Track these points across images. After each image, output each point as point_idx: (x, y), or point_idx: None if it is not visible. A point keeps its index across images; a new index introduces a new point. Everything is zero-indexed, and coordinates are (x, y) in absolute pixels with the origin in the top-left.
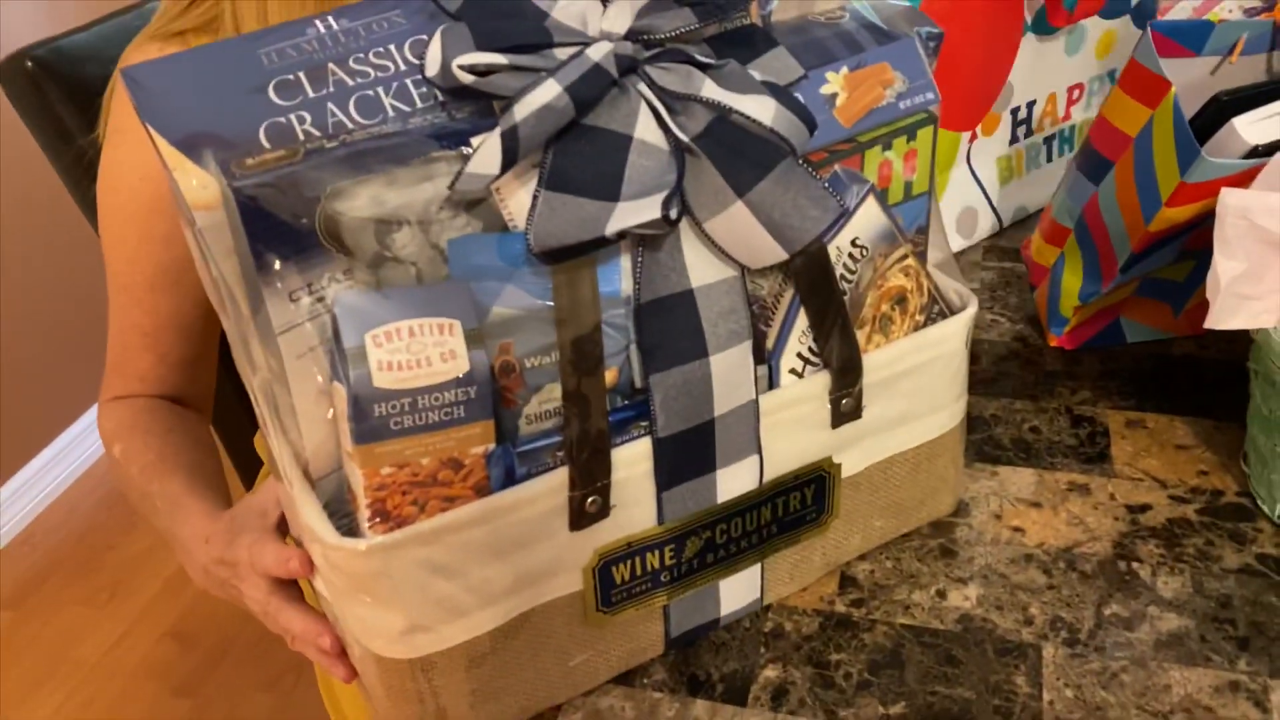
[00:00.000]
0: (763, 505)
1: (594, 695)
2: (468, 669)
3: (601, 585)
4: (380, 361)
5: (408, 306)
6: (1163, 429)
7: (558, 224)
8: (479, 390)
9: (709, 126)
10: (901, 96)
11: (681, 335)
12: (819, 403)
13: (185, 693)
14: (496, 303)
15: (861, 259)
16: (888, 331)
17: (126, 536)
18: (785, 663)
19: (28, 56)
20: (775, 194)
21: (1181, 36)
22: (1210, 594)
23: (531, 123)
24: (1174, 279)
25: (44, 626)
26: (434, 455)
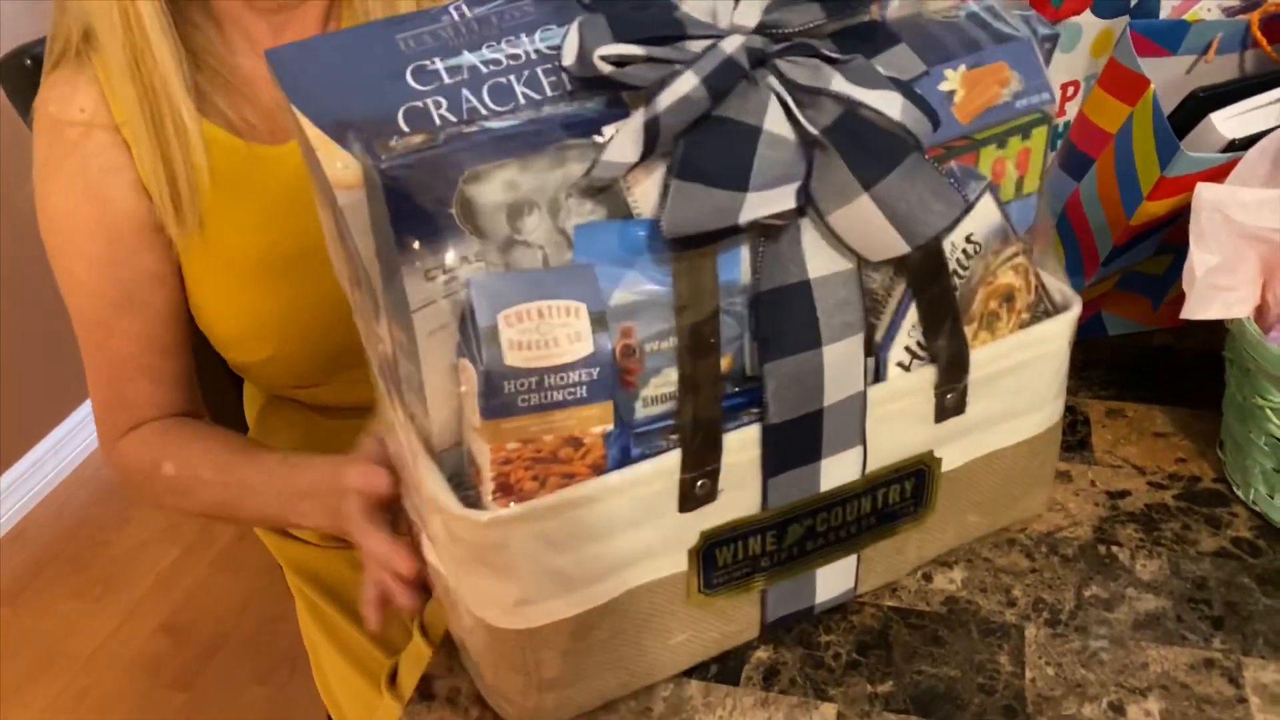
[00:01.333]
0: (863, 496)
1: None
2: (572, 642)
3: (705, 567)
4: (511, 341)
5: (537, 289)
6: (1142, 417)
7: (690, 212)
8: (601, 372)
9: (838, 120)
10: (1018, 96)
11: (796, 325)
12: (924, 396)
13: (179, 686)
14: (619, 287)
15: (975, 255)
16: (994, 329)
17: (119, 531)
18: (776, 644)
19: (27, 55)
20: (901, 188)
21: (1158, 36)
22: (1186, 576)
23: (672, 113)
24: (1153, 272)
25: (38, 621)
26: (556, 433)
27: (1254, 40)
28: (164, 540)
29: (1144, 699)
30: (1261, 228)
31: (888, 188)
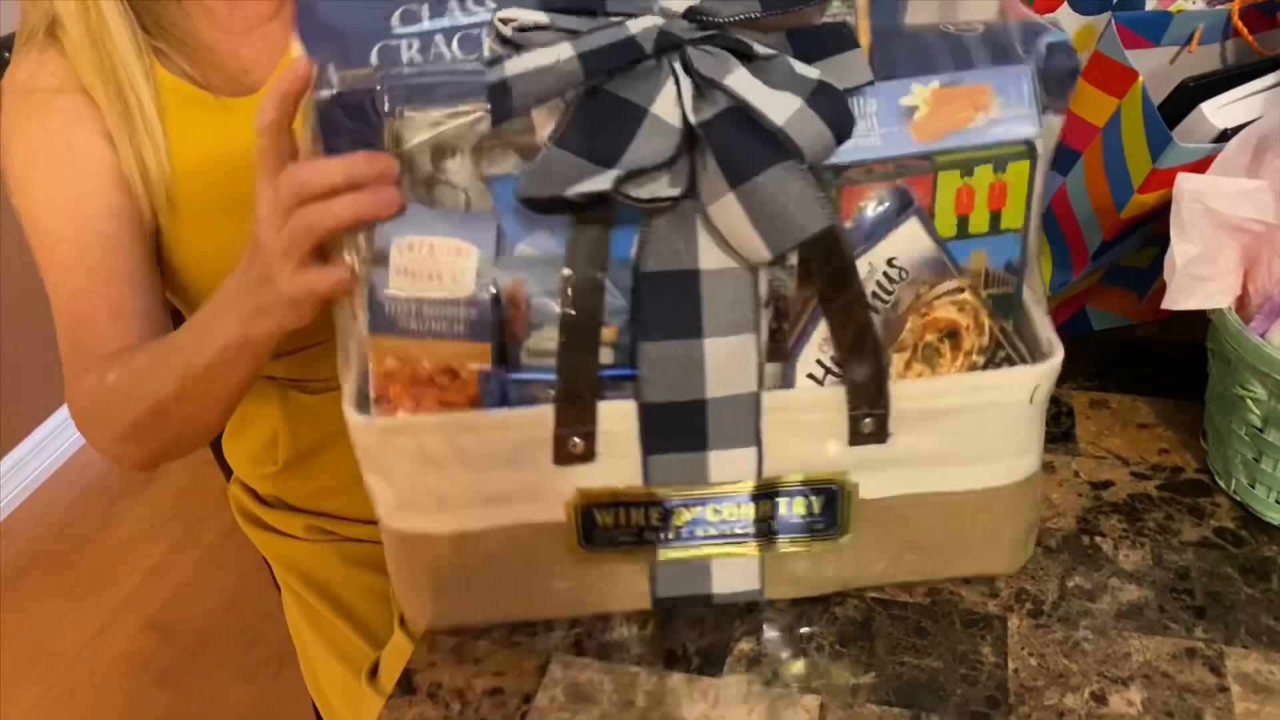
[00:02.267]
0: (761, 500)
1: (573, 669)
2: (453, 556)
3: (584, 524)
4: (399, 266)
5: (438, 225)
6: (1125, 409)
7: (546, 178)
8: (479, 314)
9: (722, 114)
10: (994, 123)
11: (677, 311)
12: (836, 415)
13: (166, 684)
14: (523, 241)
15: (900, 281)
16: (934, 364)
17: (105, 529)
18: (759, 636)
19: (5, 48)
20: (767, 192)
21: (1141, 27)
22: (1169, 566)
23: (524, 81)
24: (1138, 265)
25: (23, 620)
26: (433, 361)
27: (1235, 30)
28: (150, 538)
29: (1126, 688)
30: (1242, 218)
31: (753, 189)
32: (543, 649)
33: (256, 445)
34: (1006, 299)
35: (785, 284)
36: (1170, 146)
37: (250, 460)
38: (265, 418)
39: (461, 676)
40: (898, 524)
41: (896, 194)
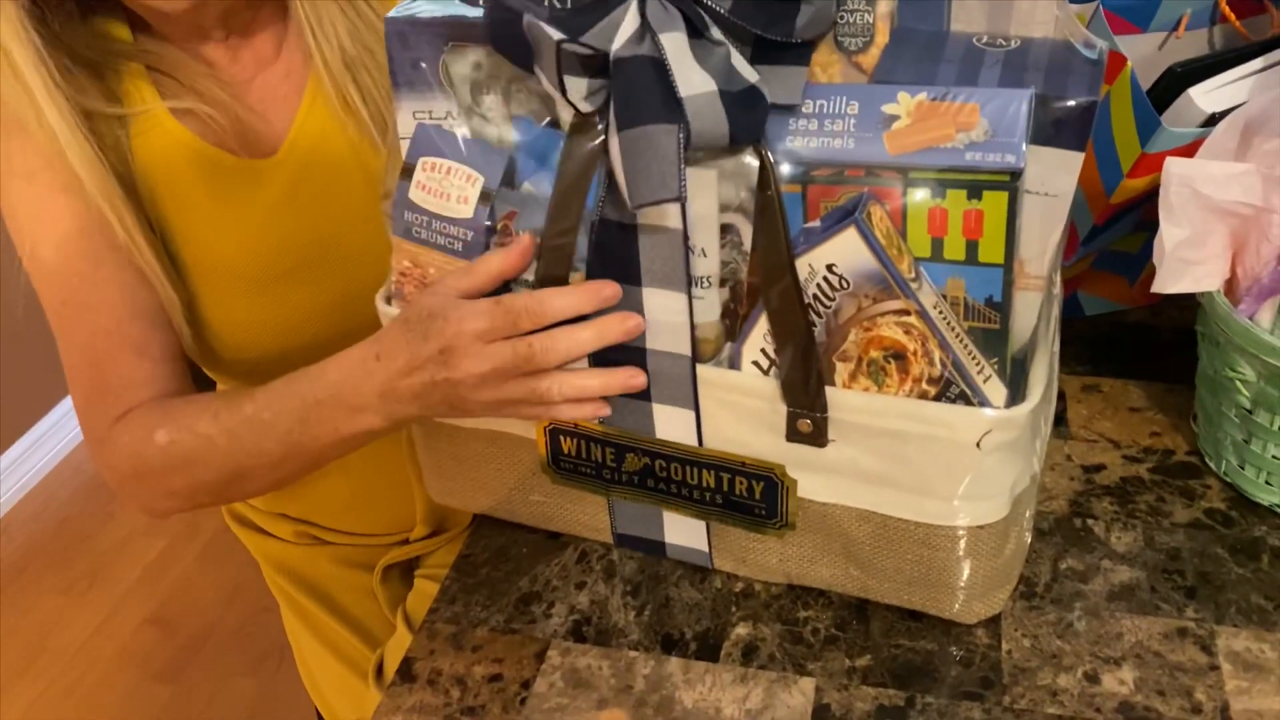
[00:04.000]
0: (705, 468)
1: (571, 655)
2: (449, 445)
3: (552, 447)
4: (419, 181)
5: (459, 152)
6: (1117, 393)
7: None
8: (474, 237)
9: (641, 58)
10: (972, 147)
11: (620, 257)
12: (770, 405)
13: (166, 679)
14: (528, 180)
15: (841, 289)
16: (880, 381)
17: (105, 525)
18: (756, 620)
19: None
20: (640, 146)
21: (1129, 13)
22: (1160, 547)
23: None
24: (1129, 251)
25: (23, 616)
26: (438, 269)
27: (1222, 15)
28: (150, 533)
29: (1118, 668)
30: (1230, 201)
31: (631, 139)
32: (541, 636)
33: None
34: (995, 336)
35: (740, 267)
36: (1159, 131)
37: None
38: None
39: (461, 664)
40: (840, 534)
41: (854, 201)
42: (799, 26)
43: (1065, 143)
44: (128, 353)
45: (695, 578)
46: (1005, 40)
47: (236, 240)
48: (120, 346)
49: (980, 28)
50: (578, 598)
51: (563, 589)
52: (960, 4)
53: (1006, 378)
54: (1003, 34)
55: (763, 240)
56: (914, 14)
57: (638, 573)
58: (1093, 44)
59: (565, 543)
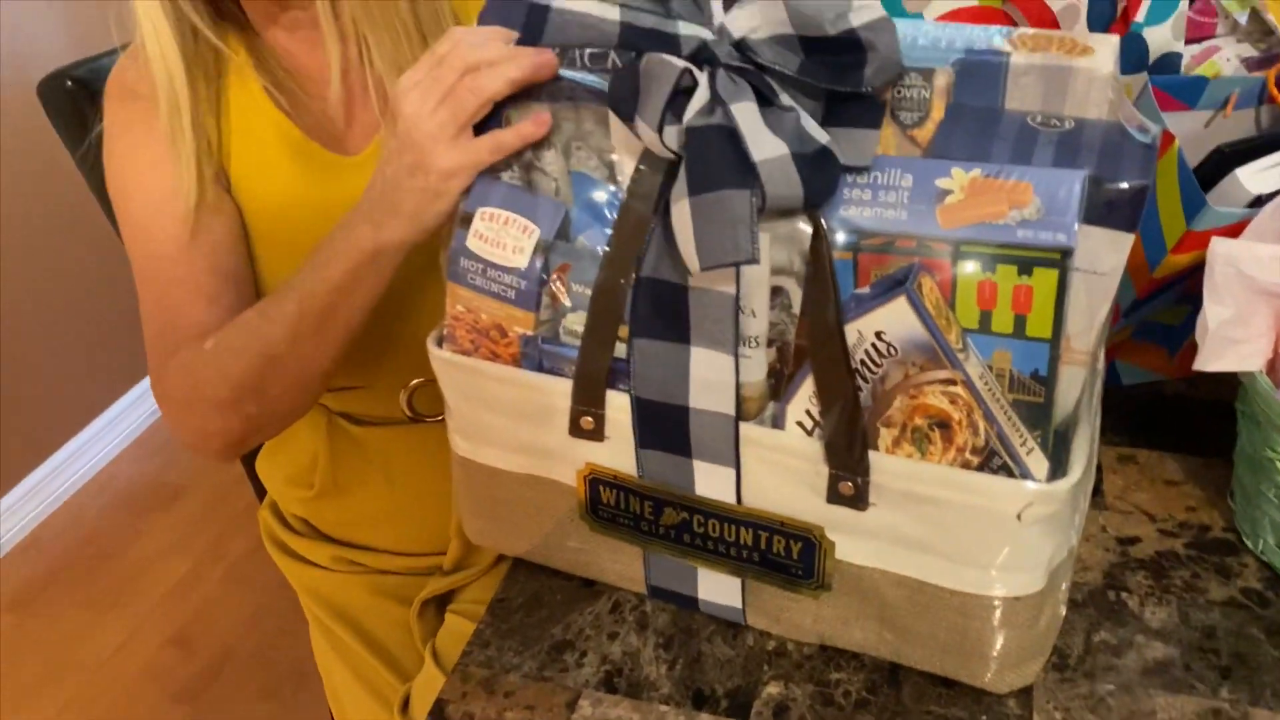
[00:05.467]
0: (743, 526)
1: (603, 706)
2: (492, 488)
3: (591, 495)
4: (476, 230)
5: (514, 203)
6: (1153, 465)
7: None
8: (527, 286)
9: (714, 127)
10: (1024, 225)
11: (668, 315)
12: (812, 466)
13: (185, 699)
14: (582, 233)
15: (889, 356)
16: (924, 449)
17: (131, 544)
18: (787, 680)
19: (68, 76)
20: (716, 210)
21: (1177, 91)
22: (1196, 625)
23: (563, 16)
24: (1170, 323)
25: (47, 630)
26: (490, 316)
27: (1270, 97)
28: (174, 553)
29: None
30: (1275, 283)
31: (704, 202)
32: (573, 685)
33: (295, 466)
34: (1039, 409)
35: (788, 328)
36: (1205, 209)
37: (286, 480)
38: (308, 440)
39: (493, 709)
40: (875, 598)
41: (905, 271)
42: (868, 76)
43: (1116, 223)
44: (201, 301)
45: (727, 633)
46: (1059, 121)
47: (308, 224)
48: (194, 295)
49: (1035, 106)
50: (610, 648)
51: (595, 638)
52: (1015, 83)
53: (1049, 451)
54: (1056, 114)
55: (813, 304)
56: (969, 91)
57: (670, 625)
58: (1147, 129)
59: (599, 591)
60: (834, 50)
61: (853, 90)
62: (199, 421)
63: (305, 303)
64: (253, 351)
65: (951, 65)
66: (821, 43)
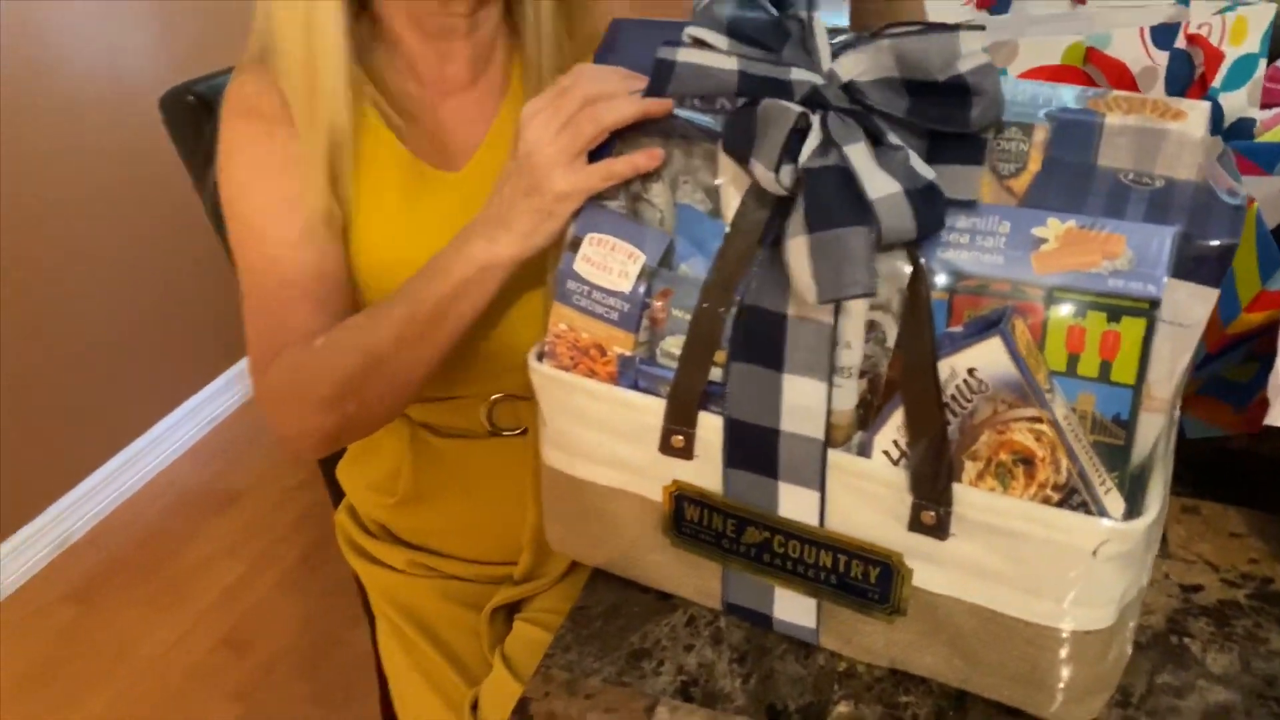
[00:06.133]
0: (823, 549)
1: (680, 714)
2: (572, 497)
3: (675, 511)
4: (584, 254)
5: (622, 230)
6: (1217, 517)
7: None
8: (630, 309)
9: (829, 169)
10: (1115, 274)
11: (765, 342)
12: (896, 494)
13: (237, 699)
14: (685, 261)
15: (978, 392)
16: (1006, 483)
17: (188, 545)
18: (857, 700)
19: (190, 91)
20: (834, 247)
21: (1255, 156)
22: (1257, 672)
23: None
24: (1238, 379)
25: (106, 624)
26: (591, 335)
27: None
28: (230, 556)
29: None
30: None
31: (824, 239)
32: (651, 692)
33: (378, 474)
34: (1118, 452)
35: (880, 361)
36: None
37: (369, 487)
38: (392, 450)
39: (575, 709)
40: (949, 625)
41: (999, 313)
42: (974, 117)
43: (1202, 279)
44: (307, 304)
45: (799, 653)
46: (1150, 179)
47: (406, 239)
48: (302, 298)
49: (1127, 165)
50: (686, 659)
51: (672, 649)
52: (1109, 142)
53: (1125, 492)
54: (1148, 172)
55: (909, 339)
56: (1065, 147)
57: (744, 642)
58: (1236, 192)
59: (675, 605)
60: (940, 93)
61: (959, 131)
62: (298, 417)
63: (414, 309)
64: (359, 351)
65: (1049, 121)
66: (928, 86)
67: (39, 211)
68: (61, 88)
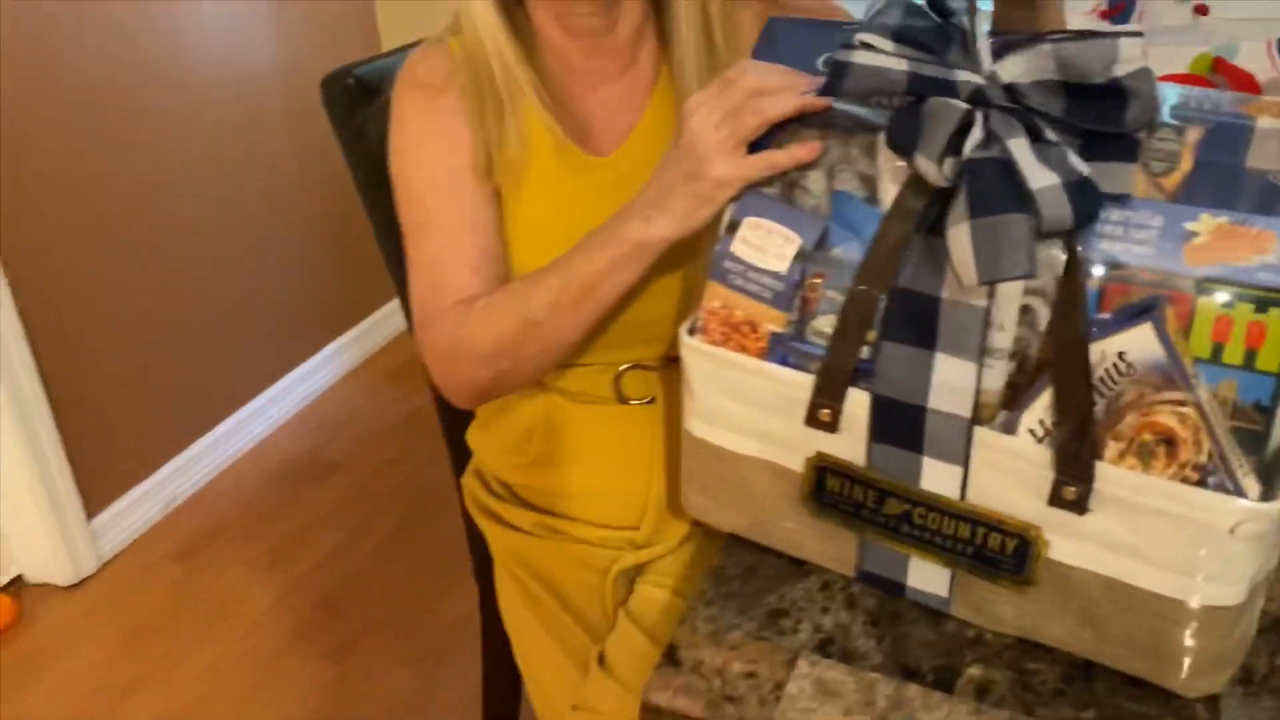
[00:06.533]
0: (961, 520)
1: (819, 668)
2: (719, 467)
3: (816, 482)
4: (742, 236)
5: (780, 215)
6: None
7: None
8: (784, 289)
9: (991, 160)
10: (1265, 268)
11: (918, 323)
12: (1039, 470)
13: (333, 659)
14: (838, 245)
15: (1125, 375)
16: (1147, 462)
17: (289, 511)
18: (988, 665)
19: (350, 74)
20: (996, 231)
21: None
22: None
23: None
24: None
25: (210, 582)
26: (744, 312)
27: None
28: (328, 525)
29: None
30: None
31: (985, 225)
32: (790, 646)
33: (512, 436)
34: (1256, 437)
35: (1031, 344)
36: None
37: (502, 448)
38: (527, 413)
39: (720, 658)
40: (1080, 596)
41: (1151, 300)
42: (1129, 118)
43: None
44: (465, 268)
45: (930, 619)
46: None
47: (557, 215)
48: (460, 261)
49: (1276, 166)
50: (822, 619)
51: (808, 610)
52: (1258, 145)
53: (1262, 475)
54: None
55: (1062, 323)
56: (1216, 148)
57: (877, 607)
58: None
59: (808, 570)
60: (1097, 95)
61: (1114, 130)
62: (458, 370)
63: (570, 279)
64: (517, 315)
65: (1202, 124)
66: (1085, 88)
67: (162, 190)
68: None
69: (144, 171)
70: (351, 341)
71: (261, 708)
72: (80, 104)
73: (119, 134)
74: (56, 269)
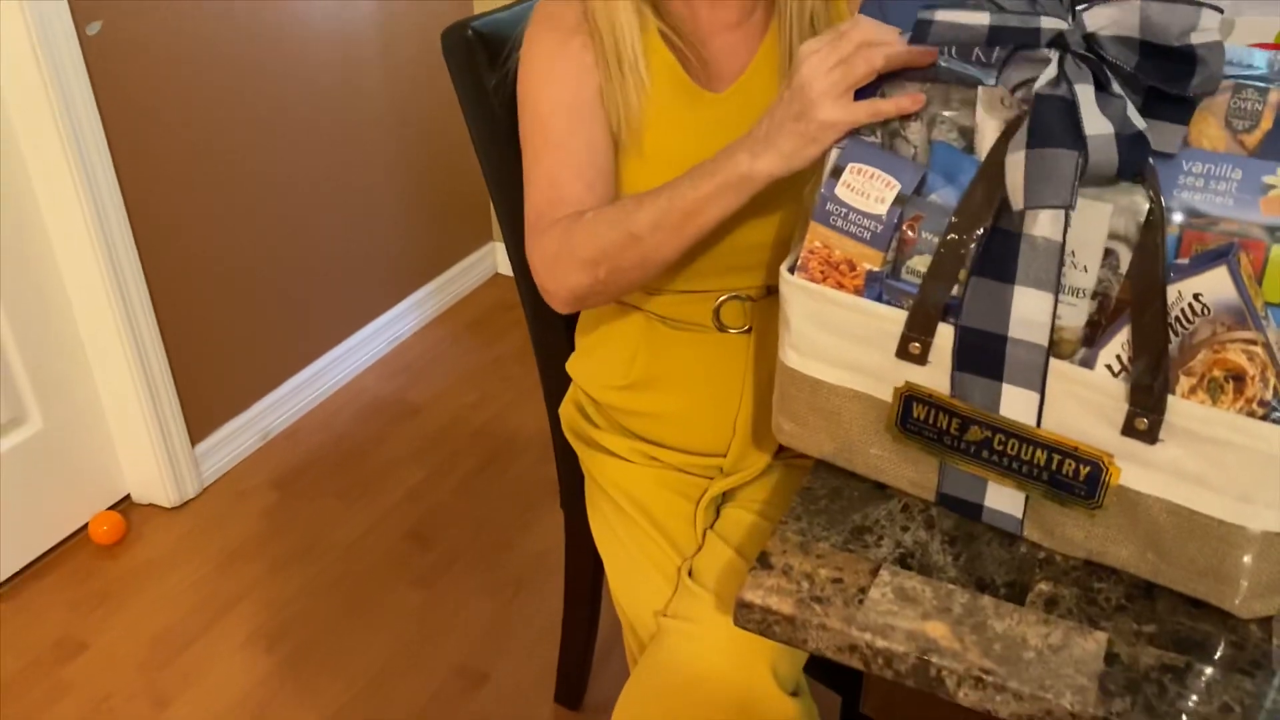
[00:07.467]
0: (1038, 448)
1: (900, 577)
2: (809, 395)
3: (903, 410)
4: (845, 181)
5: (881, 162)
6: None
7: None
8: (883, 230)
9: (1057, 97)
10: None
11: (1002, 261)
12: (1116, 404)
13: (420, 586)
14: (935, 192)
15: (1200, 315)
16: (1216, 397)
17: (378, 446)
18: (1056, 582)
19: (469, 26)
20: (1046, 163)
21: None
22: None
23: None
24: None
25: (302, 510)
26: (843, 252)
27: None
28: (414, 461)
29: None
30: None
31: (1038, 155)
32: (873, 558)
33: (613, 360)
34: None
35: (1112, 285)
36: None
37: (604, 371)
38: (628, 338)
39: (808, 564)
40: (1147, 521)
41: (1227, 246)
42: (1193, 84)
43: None
44: (579, 183)
45: (1003, 541)
46: None
47: (674, 142)
48: (575, 177)
49: None
50: (902, 536)
51: (889, 528)
52: None
53: None
54: None
55: (1142, 266)
56: None
57: (954, 529)
58: None
59: (889, 494)
60: (1169, 57)
61: (1179, 94)
62: (560, 273)
63: (675, 202)
64: (621, 228)
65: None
66: (1159, 49)
67: (268, 139)
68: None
69: (252, 120)
70: (436, 290)
71: (350, 629)
72: (195, 59)
73: (231, 86)
74: (173, 212)
